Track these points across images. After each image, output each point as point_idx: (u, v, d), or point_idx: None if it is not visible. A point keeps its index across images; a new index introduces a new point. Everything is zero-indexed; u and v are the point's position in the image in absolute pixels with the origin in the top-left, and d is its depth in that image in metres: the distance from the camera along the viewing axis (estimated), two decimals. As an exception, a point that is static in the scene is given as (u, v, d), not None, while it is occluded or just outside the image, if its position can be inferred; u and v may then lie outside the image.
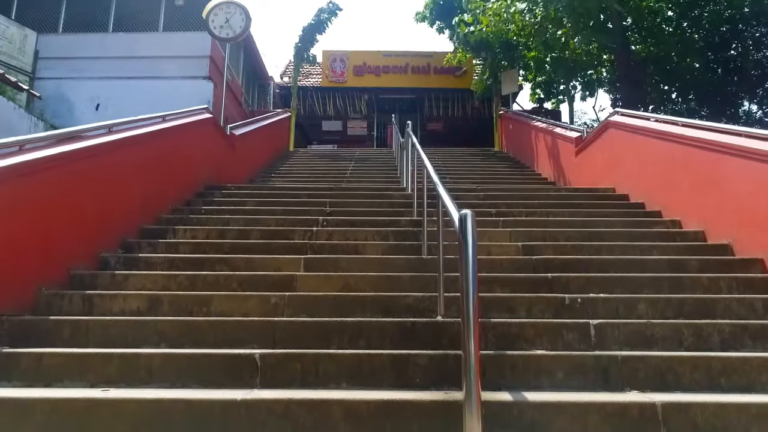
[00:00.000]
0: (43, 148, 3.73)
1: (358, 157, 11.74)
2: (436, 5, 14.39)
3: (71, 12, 10.83)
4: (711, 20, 13.27)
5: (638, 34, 13.39)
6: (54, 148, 3.79)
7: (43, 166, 3.57)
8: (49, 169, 3.65)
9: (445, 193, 3.03)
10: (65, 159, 3.81)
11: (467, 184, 8.37)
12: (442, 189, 3.20)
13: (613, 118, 6.98)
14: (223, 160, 7.70)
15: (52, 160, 3.65)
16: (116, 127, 4.77)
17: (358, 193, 6.56)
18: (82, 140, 4.17)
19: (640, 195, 6.16)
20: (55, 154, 3.70)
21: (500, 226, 5.17)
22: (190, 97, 9.88)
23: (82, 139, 4.19)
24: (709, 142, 4.92)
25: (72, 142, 4.04)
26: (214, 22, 8.66)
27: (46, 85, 9.95)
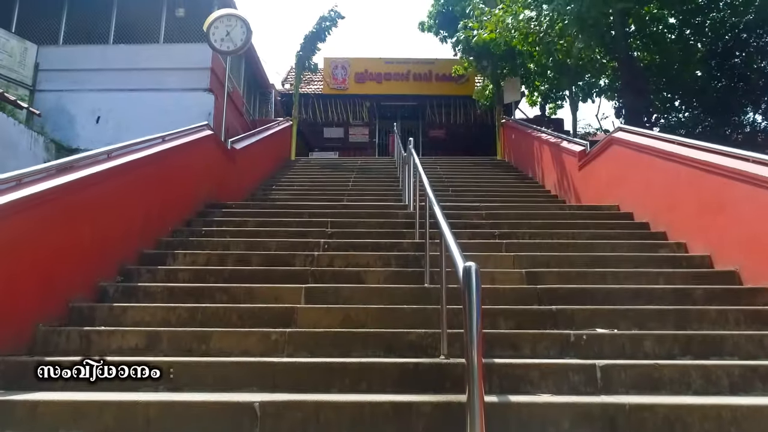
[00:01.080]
0: (41, 181, 3.68)
1: (360, 167, 11.69)
2: (440, 14, 14.34)
3: (72, 24, 10.79)
4: (714, 27, 13.20)
5: (640, 41, 13.33)
6: (52, 180, 3.74)
7: (41, 200, 3.52)
8: (48, 202, 3.60)
9: (448, 232, 2.97)
10: (63, 191, 3.76)
11: (470, 198, 8.33)
12: (446, 226, 3.12)
13: (617, 135, 6.91)
14: (224, 176, 7.65)
15: (50, 193, 3.61)
16: (115, 152, 4.73)
17: (359, 212, 6.50)
18: (80, 169, 4.12)
19: (644, 214, 6.10)
20: (53, 188, 3.65)
21: (503, 250, 5.12)
22: (191, 109, 9.87)
23: (80, 168, 4.14)
24: (716, 166, 4.86)
25: (70, 172, 3.99)
26: (215, 35, 8.60)
27: (46, 97, 9.92)
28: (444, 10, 14.37)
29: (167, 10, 10.76)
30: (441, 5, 14.48)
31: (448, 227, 3.10)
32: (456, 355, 3.21)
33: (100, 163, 4.41)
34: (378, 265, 4.83)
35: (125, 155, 4.86)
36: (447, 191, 9.18)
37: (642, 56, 13.45)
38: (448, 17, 14.40)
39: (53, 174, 3.82)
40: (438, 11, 14.49)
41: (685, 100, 13.90)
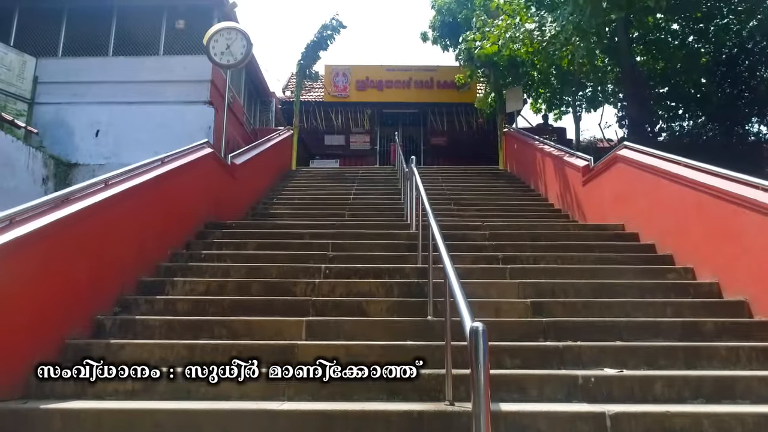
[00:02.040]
0: (35, 217, 3.60)
1: (361, 177, 11.61)
2: (442, 24, 14.26)
3: (71, 36, 10.70)
4: (718, 34, 13.10)
5: (644, 47, 13.24)
6: (47, 216, 3.66)
7: (34, 241, 3.44)
8: (42, 241, 3.52)
9: (455, 280, 2.84)
10: (58, 228, 3.68)
11: (472, 213, 8.27)
12: (452, 271, 3.01)
13: (622, 152, 6.82)
14: (224, 192, 7.57)
15: (44, 232, 3.53)
16: (113, 179, 4.65)
17: (361, 232, 6.40)
18: (76, 201, 4.04)
19: (650, 235, 6.02)
20: (47, 225, 3.57)
21: (508, 277, 5.03)
22: (191, 122, 9.79)
23: (76, 200, 4.06)
24: (725, 192, 4.77)
25: (66, 205, 3.91)
26: (215, 49, 8.52)
27: (45, 110, 9.83)
28: (446, 19, 14.28)
29: (167, 21, 10.68)
30: (443, 14, 14.39)
31: (454, 271, 2.98)
32: (461, 398, 3.13)
33: (97, 193, 4.33)
34: (380, 293, 4.74)
35: (124, 182, 4.79)
36: (449, 204, 9.11)
37: (645, 62, 13.37)
38: (451, 26, 14.32)
39: (48, 209, 3.74)
40: (440, 20, 14.40)
41: (688, 108, 13.82)
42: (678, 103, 13.70)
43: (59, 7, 10.63)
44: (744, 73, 13.41)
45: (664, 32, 13.03)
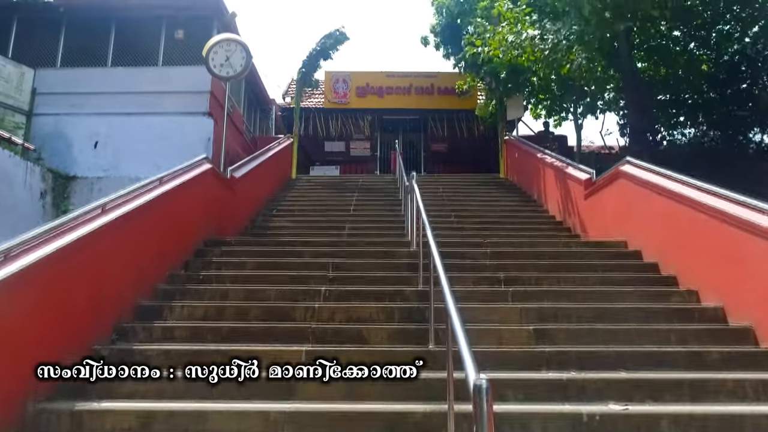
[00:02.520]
0: (33, 249, 3.55)
1: (361, 186, 11.56)
2: (443, 28, 14.18)
3: (69, 46, 10.62)
4: (718, 41, 13.03)
5: (644, 53, 13.16)
6: (44, 247, 3.60)
7: (31, 275, 3.38)
8: (39, 275, 3.47)
9: (459, 327, 2.76)
10: (55, 260, 3.63)
11: (474, 227, 8.24)
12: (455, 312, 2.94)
13: (624, 168, 6.76)
14: (224, 207, 7.51)
15: (41, 265, 3.47)
16: (110, 204, 4.60)
17: (361, 251, 6.35)
18: (72, 230, 3.99)
19: (653, 253, 5.96)
20: (45, 258, 3.52)
21: (510, 300, 4.97)
22: (190, 134, 9.73)
23: (72, 228, 4.00)
24: (729, 216, 4.71)
25: (63, 235, 3.86)
26: (214, 60, 8.46)
27: (44, 121, 9.77)
28: (447, 22, 14.20)
29: (166, 32, 10.60)
30: (444, 18, 14.32)
31: (457, 313, 2.91)
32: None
33: (94, 219, 4.28)
34: (381, 318, 4.69)
35: (121, 205, 4.73)
36: (450, 217, 9.06)
37: (647, 68, 13.29)
38: (452, 31, 14.23)
39: (45, 240, 3.68)
40: (441, 24, 14.32)
41: (690, 115, 13.74)
42: (679, 110, 13.62)
43: (57, 17, 10.56)
44: (746, 80, 13.33)
45: (665, 39, 12.96)
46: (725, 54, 13.43)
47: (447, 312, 3.04)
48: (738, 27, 12.73)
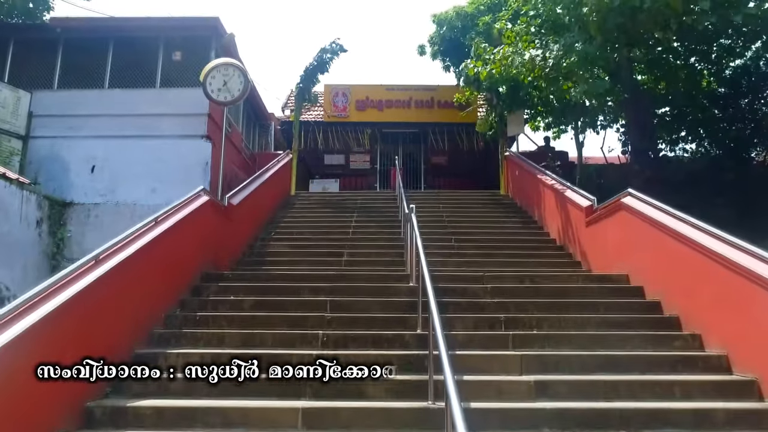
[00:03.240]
0: (21, 315, 3.48)
1: (360, 205, 11.49)
2: (443, 39, 14.10)
3: (66, 67, 10.52)
4: (720, 56, 12.94)
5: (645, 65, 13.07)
6: (35, 311, 3.53)
7: (23, 341, 3.31)
8: (31, 340, 3.39)
9: (455, 398, 2.68)
10: (48, 323, 3.56)
11: (474, 256, 8.15)
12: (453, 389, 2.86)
13: (626, 201, 6.69)
14: (221, 236, 7.44)
15: (33, 330, 3.40)
16: (104, 253, 4.52)
17: (359, 287, 6.27)
18: (65, 287, 3.92)
19: (656, 290, 5.90)
20: (38, 323, 3.46)
21: (510, 347, 4.90)
22: (188, 157, 9.66)
23: (66, 285, 3.93)
24: (733, 264, 4.63)
25: (54, 295, 3.79)
26: (212, 85, 8.41)
27: (41, 144, 9.69)
28: (448, 34, 14.13)
29: (164, 53, 10.50)
30: (443, 28, 14.25)
31: (454, 385, 2.82)
32: None
33: (87, 273, 4.20)
34: (380, 363, 4.55)
35: (116, 253, 4.65)
36: (450, 241, 9.01)
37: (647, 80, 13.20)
38: (452, 43, 14.17)
39: (36, 302, 3.61)
40: (440, 35, 14.25)
41: (691, 131, 13.66)
42: (680, 125, 13.54)
43: (54, 38, 10.48)
44: (748, 95, 13.25)
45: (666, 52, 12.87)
46: (726, 68, 13.35)
47: (445, 386, 2.96)
48: (740, 41, 12.64)
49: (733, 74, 13.57)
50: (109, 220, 8.97)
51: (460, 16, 13.58)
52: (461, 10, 13.70)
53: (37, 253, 8.08)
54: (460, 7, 13.95)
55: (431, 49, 14.64)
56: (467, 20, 13.42)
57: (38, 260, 8.11)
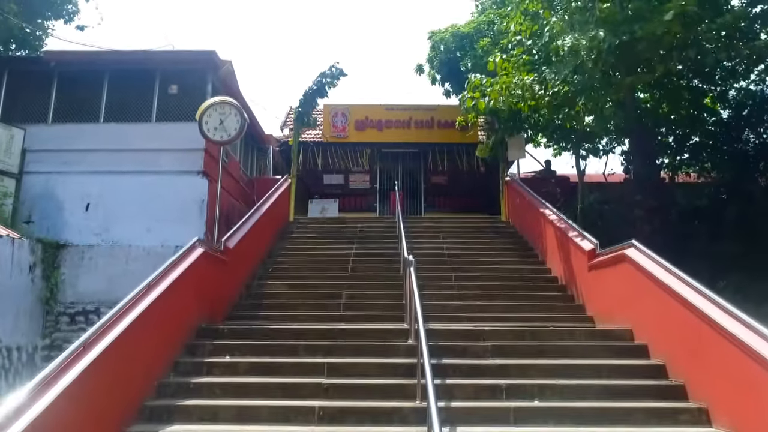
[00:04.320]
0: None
1: (360, 234, 11.38)
2: (443, 63, 13.94)
3: (61, 101, 10.34)
4: (723, 78, 12.78)
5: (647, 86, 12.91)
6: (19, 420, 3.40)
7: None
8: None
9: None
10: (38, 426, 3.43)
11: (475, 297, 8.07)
12: None
13: (629, 253, 6.55)
14: (217, 284, 7.31)
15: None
16: (92, 337, 4.39)
17: (358, 345, 6.14)
18: (52, 383, 3.79)
19: (660, 351, 5.79)
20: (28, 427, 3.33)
21: (512, 421, 4.78)
22: (184, 194, 9.53)
23: (52, 382, 3.80)
24: (739, 342, 4.50)
25: (45, 390, 3.67)
26: (208, 124, 8.29)
27: (35, 180, 9.53)
28: (447, 58, 13.95)
29: (160, 86, 10.34)
30: (441, 52, 14.07)
31: None
32: None
33: (76, 361, 4.08)
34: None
35: (106, 333, 4.53)
36: (450, 279, 8.90)
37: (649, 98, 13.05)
38: (451, 64, 13.99)
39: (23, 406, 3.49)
40: (439, 58, 14.08)
41: (694, 154, 13.51)
42: (683, 149, 13.39)
43: (48, 71, 10.33)
44: (751, 118, 13.09)
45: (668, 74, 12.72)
46: (730, 89, 13.20)
47: None
48: (743, 63, 12.49)
49: (737, 96, 13.43)
50: (104, 262, 8.85)
51: (456, 37, 13.42)
52: (458, 31, 13.54)
53: (29, 299, 7.96)
54: (456, 27, 13.79)
55: (429, 70, 14.49)
56: (465, 41, 13.25)
57: (31, 307, 7.99)
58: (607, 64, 9.53)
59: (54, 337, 8.25)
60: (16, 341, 7.37)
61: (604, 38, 8.69)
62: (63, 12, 11.96)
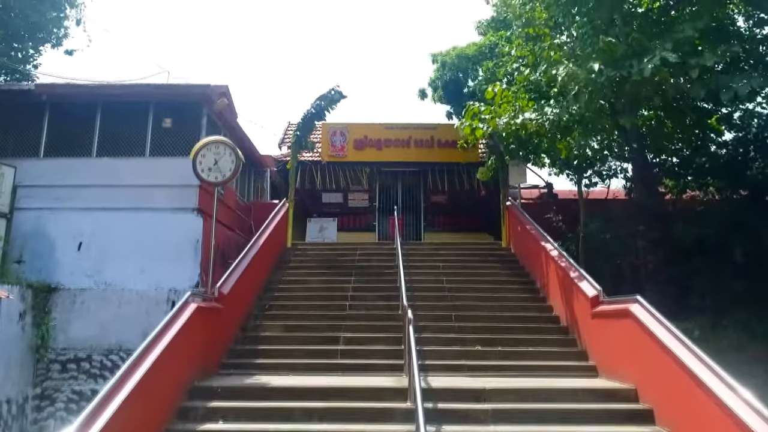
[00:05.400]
0: None
1: (358, 265, 11.22)
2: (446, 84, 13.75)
3: (53, 135, 10.08)
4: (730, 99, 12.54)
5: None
6: None
7: None
8: None
9: None
10: None
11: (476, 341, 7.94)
12: None
13: (634, 310, 6.38)
14: (211, 335, 7.13)
15: None
16: (85, 420, 4.22)
17: (354, 409, 5.95)
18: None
19: (666, 418, 5.63)
20: None
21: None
22: (178, 232, 9.35)
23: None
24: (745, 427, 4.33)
25: None
26: (202, 164, 8.07)
27: (26, 217, 9.32)
28: (450, 79, 13.76)
29: (153, 120, 10.12)
30: (446, 74, 13.88)
31: None
32: None
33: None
34: None
35: (94, 419, 4.36)
36: (450, 319, 8.77)
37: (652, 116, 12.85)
38: (454, 87, 13.81)
39: None
40: (442, 79, 13.90)
41: (697, 175, 13.29)
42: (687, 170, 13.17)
43: (40, 104, 10.12)
44: (757, 142, 12.87)
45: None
46: (736, 111, 12.99)
47: None
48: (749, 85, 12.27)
49: (742, 117, 13.22)
50: (96, 306, 8.67)
51: (462, 59, 13.21)
52: (462, 53, 13.33)
53: (20, 348, 7.78)
54: (460, 49, 13.57)
55: (432, 93, 14.30)
56: (468, 63, 13.06)
57: (21, 356, 7.81)
58: (605, 97, 9.37)
59: (45, 386, 8.07)
60: (6, 393, 7.20)
61: (601, 71, 8.54)
62: (52, 36, 11.72)
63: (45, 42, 11.72)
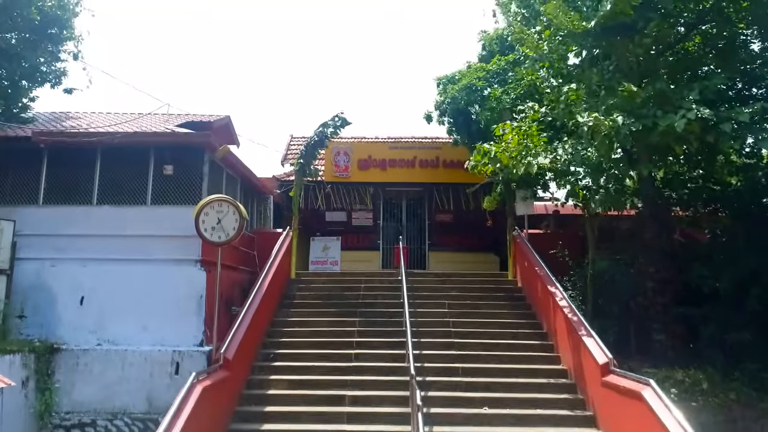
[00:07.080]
0: None
1: (362, 301, 11.15)
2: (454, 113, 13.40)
3: (51, 182, 9.84)
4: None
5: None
6: None
7: None
8: None
9: None
10: None
11: (481, 402, 7.91)
12: None
13: (646, 395, 6.26)
14: (216, 400, 7.08)
15: None
16: None
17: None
18: None
19: None
20: None
21: None
22: (181, 287, 9.22)
23: None
24: None
25: None
26: (205, 223, 7.93)
27: (26, 269, 9.12)
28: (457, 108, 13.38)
29: (154, 166, 9.86)
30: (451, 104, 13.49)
31: None
32: None
33: None
34: None
35: None
36: (457, 373, 8.68)
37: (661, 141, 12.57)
38: (460, 113, 13.46)
39: None
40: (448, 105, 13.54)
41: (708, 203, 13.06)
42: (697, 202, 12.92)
43: (38, 151, 9.83)
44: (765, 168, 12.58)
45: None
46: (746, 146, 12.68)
47: None
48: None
49: (754, 143, 12.91)
50: (100, 368, 8.54)
51: (469, 92, 12.85)
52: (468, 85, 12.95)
53: (23, 417, 7.70)
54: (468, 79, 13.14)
55: (438, 117, 14.00)
56: (475, 95, 12.73)
57: (24, 423, 7.73)
58: (624, 146, 9.14)
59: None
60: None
61: (623, 123, 8.31)
62: (50, 75, 11.43)
63: (44, 82, 11.43)
